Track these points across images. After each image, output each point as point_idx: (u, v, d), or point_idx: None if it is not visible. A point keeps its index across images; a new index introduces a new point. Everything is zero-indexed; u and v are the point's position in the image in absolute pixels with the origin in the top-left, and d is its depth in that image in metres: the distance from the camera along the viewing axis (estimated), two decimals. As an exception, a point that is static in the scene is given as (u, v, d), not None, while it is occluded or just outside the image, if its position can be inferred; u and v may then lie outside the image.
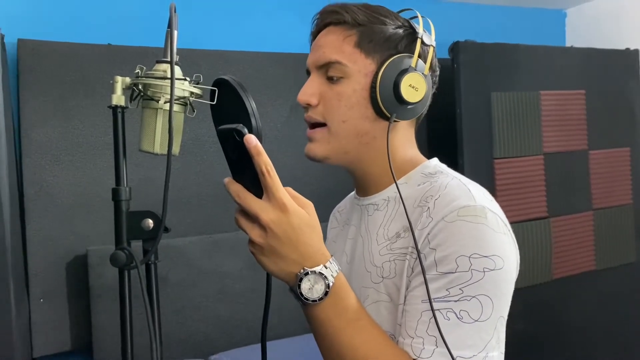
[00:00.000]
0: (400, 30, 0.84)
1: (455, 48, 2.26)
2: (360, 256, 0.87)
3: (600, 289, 2.55)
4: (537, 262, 2.36)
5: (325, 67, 0.84)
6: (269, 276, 0.74)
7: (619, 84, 2.66)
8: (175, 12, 0.69)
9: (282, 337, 1.97)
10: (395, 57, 0.82)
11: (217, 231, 2.04)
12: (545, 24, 3.01)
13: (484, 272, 0.70)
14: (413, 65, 0.82)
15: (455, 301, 0.70)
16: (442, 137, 2.26)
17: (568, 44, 3.04)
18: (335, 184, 2.21)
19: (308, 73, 0.88)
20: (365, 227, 0.88)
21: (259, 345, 0.80)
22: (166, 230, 0.69)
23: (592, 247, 2.53)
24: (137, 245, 0.71)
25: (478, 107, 2.28)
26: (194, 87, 0.72)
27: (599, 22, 2.92)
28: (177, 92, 0.70)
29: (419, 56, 0.83)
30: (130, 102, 0.72)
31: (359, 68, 0.82)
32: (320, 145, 0.85)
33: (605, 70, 2.61)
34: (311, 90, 0.85)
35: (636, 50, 2.70)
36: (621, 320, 2.61)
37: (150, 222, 0.70)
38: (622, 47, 2.69)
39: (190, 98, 0.72)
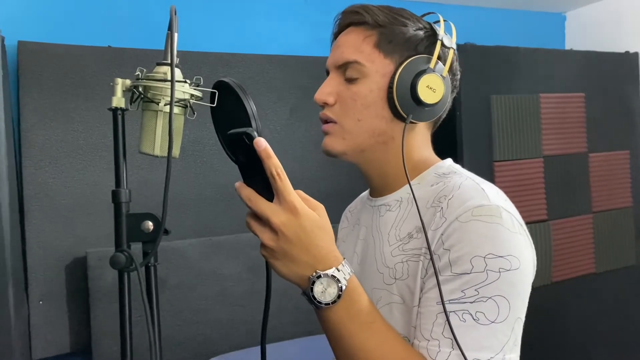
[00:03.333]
0: (421, 32, 0.84)
1: (455, 51, 2.27)
2: (371, 257, 0.86)
3: (600, 292, 2.54)
4: (537, 265, 2.36)
5: (343, 67, 0.84)
6: (269, 278, 0.74)
7: (619, 87, 2.66)
8: (175, 14, 0.69)
9: (282, 340, 1.97)
10: (413, 57, 0.81)
11: (217, 233, 2.03)
12: (545, 27, 3.01)
13: (499, 272, 0.70)
14: (432, 66, 0.81)
15: (471, 302, 0.69)
16: (441, 139, 2.25)
17: (568, 47, 3.04)
18: (336, 186, 2.21)
19: (327, 73, 0.87)
20: (377, 227, 0.87)
21: (259, 347, 0.80)
22: (166, 232, 0.69)
23: (592, 250, 2.53)
24: (136, 248, 0.71)
25: (478, 110, 2.27)
26: (194, 89, 0.72)
27: (598, 25, 2.92)
28: (178, 95, 0.70)
29: (439, 58, 0.82)
30: (131, 104, 0.72)
31: (377, 68, 0.82)
32: (336, 141, 0.85)
33: (605, 73, 2.61)
34: (329, 89, 0.85)
35: (636, 53, 2.70)
36: (621, 323, 2.61)
37: (150, 225, 0.70)
38: (621, 50, 2.69)
39: (191, 100, 0.72)
